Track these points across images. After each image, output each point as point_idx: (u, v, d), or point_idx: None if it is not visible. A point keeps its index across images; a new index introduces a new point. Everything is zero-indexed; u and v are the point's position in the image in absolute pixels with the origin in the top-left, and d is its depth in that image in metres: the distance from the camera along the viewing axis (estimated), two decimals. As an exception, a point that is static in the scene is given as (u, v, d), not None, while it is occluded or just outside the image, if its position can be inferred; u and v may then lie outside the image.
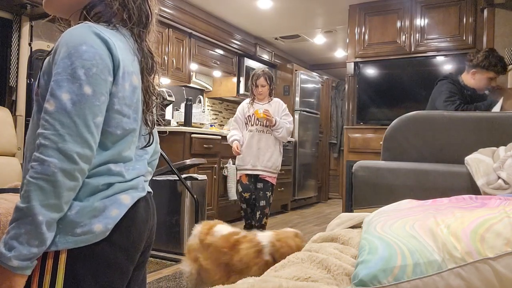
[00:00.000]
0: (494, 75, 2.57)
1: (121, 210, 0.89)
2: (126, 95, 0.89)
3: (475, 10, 3.69)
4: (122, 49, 0.89)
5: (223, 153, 4.27)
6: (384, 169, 1.83)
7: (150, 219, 1.01)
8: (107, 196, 0.88)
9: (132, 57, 0.93)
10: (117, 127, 0.88)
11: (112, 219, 0.87)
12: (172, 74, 4.19)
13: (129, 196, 0.91)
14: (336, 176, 7.20)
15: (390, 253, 0.85)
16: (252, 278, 0.89)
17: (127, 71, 0.89)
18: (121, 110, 0.88)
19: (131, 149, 0.95)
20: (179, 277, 2.61)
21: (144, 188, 0.98)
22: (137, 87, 0.93)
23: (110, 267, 0.88)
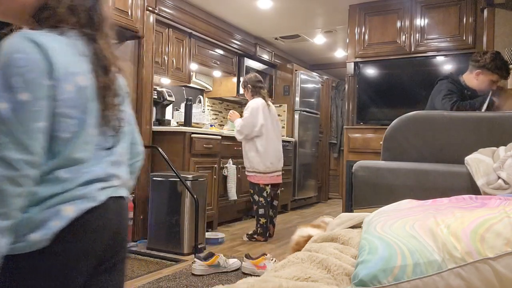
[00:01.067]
0: (497, 78, 2.56)
1: (62, 222, 0.86)
2: (71, 97, 0.88)
3: (475, 10, 3.69)
4: (64, 51, 0.89)
5: (223, 153, 4.27)
6: (384, 169, 1.83)
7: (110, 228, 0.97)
8: (50, 207, 0.86)
9: (77, 58, 0.92)
10: (64, 130, 0.87)
11: (51, 229, 0.85)
12: (172, 74, 4.19)
13: (74, 208, 0.88)
14: (336, 176, 7.19)
15: (390, 253, 0.85)
16: (252, 278, 0.89)
17: (70, 72, 0.88)
18: (66, 112, 0.87)
19: (85, 151, 0.92)
20: (179, 277, 2.61)
21: (95, 198, 0.93)
22: (86, 87, 0.91)
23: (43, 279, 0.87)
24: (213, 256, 2.73)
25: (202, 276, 2.65)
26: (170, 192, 3.29)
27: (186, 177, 3.21)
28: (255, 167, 3.77)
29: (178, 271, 2.74)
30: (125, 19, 3.17)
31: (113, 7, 3.05)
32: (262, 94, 3.89)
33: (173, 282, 2.50)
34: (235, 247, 3.50)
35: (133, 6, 3.24)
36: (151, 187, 3.37)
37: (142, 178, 3.61)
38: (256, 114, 3.77)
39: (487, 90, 2.58)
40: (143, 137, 3.76)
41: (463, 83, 2.63)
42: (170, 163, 3.10)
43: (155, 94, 3.94)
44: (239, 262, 2.85)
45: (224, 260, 2.77)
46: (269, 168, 3.79)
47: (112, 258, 1.01)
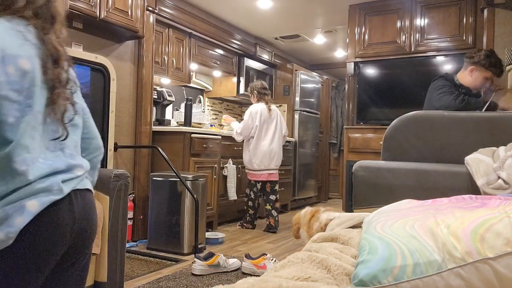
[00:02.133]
0: (491, 75, 2.55)
1: (26, 218, 0.84)
2: (12, 80, 0.85)
3: (475, 10, 3.69)
4: (6, 34, 0.87)
5: (223, 153, 4.27)
6: (384, 169, 1.83)
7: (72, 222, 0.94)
8: (10, 202, 0.83)
9: (22, 42, 0.89)
10: (7, 114, 0.84)
11: (15, 227, 0.83)
12: (172, 74, 4.19)
13: (37, 202, 0.86)
14: (336, 176, 7.19)
15: (390, 253, 0.85)
16: (252, 278, 0.89)
17: (10, 54, 0.85)
18: (7, 95, 0.84)
19: (34, 138, 0.89)
20: (179, 277, 2.61)
21: (61, 190, 0.91)
22: (29, 71, 0.88)
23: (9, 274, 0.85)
24: (213, 256, 2.73)
25: (202, 276, 2.65)
26: (170, 192, 3.29)
27: (186, 177, 3.21)
28: (247, 165, 4.22)
29: (178, 271, 2.75)
30: (125, 19, 3.17)
31: (113, 7, 3.05)
32: (266, 100, 4.27)
33: (173, 282, 2.50)
34: (235, 247, 3.50)
35: (133, 6, 3.24)
36: (151, 187, 3.37)
37: (142, 178, 3.61)
38: (255, 117, 4.16)
39: (481, 87, 2.58)
40: (143, 137, 3.78)
41: (457, 81, 2.61)
42: (170, 163, 3.10)
43: (155, 94, 3.94)
44: (239, 262, 2.85)
45: (224, 260, 2.77)
46: (259, 166, 4.16)
47: (76, 254, 0.99)
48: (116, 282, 1.99)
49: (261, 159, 4.14)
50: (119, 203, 1.98)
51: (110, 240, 1.97)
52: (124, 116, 3.48)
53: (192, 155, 3.77)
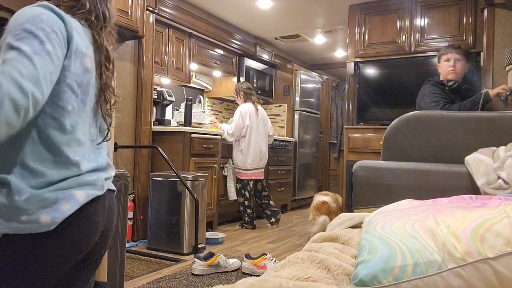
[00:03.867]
0: (446, 56, 2.69)
1: (73, 206, 0.86)
2: (77, 73, 0.90)
3: (475, 10, 3.69)
4: (77, 30, 0.92)
5: (223, 153, 4.27)
6: (384, 169, 1.83)
7: (103, 221, 0.97)
8: (61, 189, 0.86)
9: (87, 43, 0.95)
10: (67, 102, 0.89)
11: (62, 213, 0.84)
12: (172, 74, 4.19)
13: (84, 193, 0.89)
14: (336, 176, 7.19)
15: (390, 253, 0.85)
16: (252, 278, 0.89)
17: (80, 50, 0.91)
18: (71, 85, 0.89)
19: (84, 133, 0.94)
20: (179, 277, 2.61)
21: (103, 186, 0.95)
22: (89, 70, 0.94)
23: (41, 262, 0.86)
24: (213, 256, 2.73)
25: (202, 276, 2.65)
26: (170, 192, 3.29)
27: (186, 177, 3.21)
28: (238, 164, 4.29)
29: (178, 271, 2.74)
30: (125, 19, 3.17)
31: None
32: (252, 99, 4.36)
33: (173, 282, 2.50)
34: (235, 247, 3.50)
35: (133, 6, 3.24)
36: (151, 187, 3.37)
37: (142, 178, 3.61)
38: (245, 116, 4.25)
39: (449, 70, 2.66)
40: (143, 137, 3.77)
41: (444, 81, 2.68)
42: (170, 163, 3.10)
43: (155, 94, 3.94)
44: (239, 262, 2.85)
45: (224, 260, 2.77)
46: (250, 165, 4.26)
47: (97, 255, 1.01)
48: (116, 282, 1.99)
49: (253, 158, 4.27)
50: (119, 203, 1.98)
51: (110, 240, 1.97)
52: (124, 116, 3.48)
53: (192, 155, 3.77)
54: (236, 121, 4.24)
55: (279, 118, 5.92)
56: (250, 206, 4.28)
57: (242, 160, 4.27)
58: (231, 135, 4.23)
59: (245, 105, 4.31)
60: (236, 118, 4.25)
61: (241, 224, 4.33)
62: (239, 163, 4.28)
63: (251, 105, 4.32)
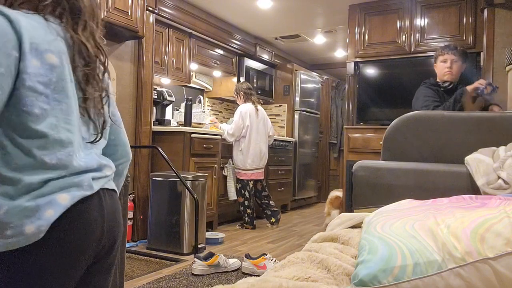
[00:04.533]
0: (442, 57, 2.67)
1: (56, 211, 0.83)
2: (39, 72, 0.85)
3: (475, 10, 3.69)
4: (34, 27, 0.86)
5: (223, 153, 4.27)
6: (384, 169, 1.83)
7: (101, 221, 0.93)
8: (41, 195, 0.83)
9: (51, 37, 0.89)
10: (32, 105, 0.83)
11: (46, 220, 0.81)
12: (172, 74, 4.19)
13: (68, 196, 0.86)
14: (336, 176, 7.19)
15: (390, 253, 0.85)
16: (252, 278, 0.89)
17: (36, 48, 0.85)
18: (34, 87, 0.84)
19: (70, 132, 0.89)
20: (179, 277, 2.61)
21: (91, 186, 0.91)
22: (57, 66, 0.88)
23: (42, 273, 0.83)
24: (213, 256, 2.73)
25: (202, 276, 2.65)
26: (170, 192, 3.29)
27: (186, 177, 3.21)
28: (238, 164, 4.30)
29: (178, 271, 2.74)
30: (125, 19, 3.17)
31: (113, 7, 3.05)
32: (252, 100, 4.37)
33: (173, 282, 2.50)
34: (235, 247, 3.50)
35: (133, 6, 3.24)
36: (151, 187, 3.37)
37: (142, 178, 3.61)
38: (245, 117, 4.26)
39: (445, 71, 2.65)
40: (143, 137, 3.78)
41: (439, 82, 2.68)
42: (170, 163, 3.10)
43: (155, 94, 3.94)
44: (239, 262, 2.85)
45: (224, 260, 2.77)
46: (250, 165, 4.28)
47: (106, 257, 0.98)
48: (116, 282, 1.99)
49: (253, 158, 4.29)
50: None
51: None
52: (124, 116, 3.48)
53: (192, 155, 3.77)
54: (236, 121, 4.24)
55: (279, 118, 5.92)
56: (250, 206, 4.29)
57: (242, 160, 4.28)
58: (231, 135, 4.23)
59: (245, 105, 4.32)
60: (236, 118, 4.26)
61: (241, 224, 4.33)
62: (239, 163, 4.29)
63: (251, 105, 4.34)
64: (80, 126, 0.94)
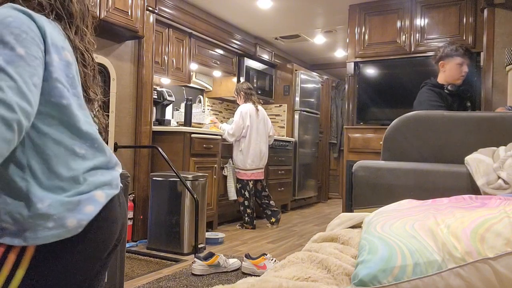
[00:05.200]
0: (460, 59, 2.54)
1: (96, 208, 0.86)
2: (60, 67, 0.87)
3: (475, 10, 3.69)
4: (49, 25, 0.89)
5: (223, 153, 4.27)
6: (384, 169, 1.83)
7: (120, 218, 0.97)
8: (82, 192, 0.85)
9: (62, 37, 0.92)
10: (61, 96, 0.86)
11: (87, 215, 0.84)
12: (172, 74, 4.19)
13: (103, 194, 0.89)
14: (336, 176, 7.20)
15: (390, 253, 0.85)
16: (252, 278, 0.89)
17: (56, 44, 0.88)
18: (59, 78, 0.86)
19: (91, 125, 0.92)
20: (179, 277, 2.61)
21: (118, 185, 0.95)
22: (72, 63, 0.91)
23: (77, 266, 0.86)
24: (213, 256, 2.73)
25: (202, 276, 2.65)
26: (170, 192, 3.29)
27: (186, 177, 3.21)
28: (238, 164, 4.30)
29: (178, 271, 2.74)
30: (125, 19, 3.17)
31: (113, 7, 3.05)
32: (253, 100, 4.37)
33: (173, 282, 2.50)
34: (235, 247, 3.50)
35: (133, 6, 3.24)
36: (151, 187, 3.37)
37: (142, 178, 3.61)
38: (245, 117, 4.26)
39: (460, 75, 2.54)
40: (143, 137, 3.78)
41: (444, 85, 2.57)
42: (170, 163, 3.10)
43: (155, 94, 3.94)
44: (239, 262, 2.85)
45: (224, 260, 2.77)
46: (250, 165, 4.27)
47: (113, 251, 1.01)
48: (116, 282, 1.99)
49: (253, 158, 4.29)
50: (119, 203, 1.98)
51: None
52: (124, 116, 3.48)
53: (192, 155, 3.77)
54: (236, 121, 4.24)
55: (279, 118, 5.92)
56: (250, 206, 4.29)
57: (242, 160, 4.28)
58: (231, 135, 4.23)
59: (245, 105, 4.33)
60: (237, 118, 4.26)
61: (241, 224, 4.33)
62: (239, 163, 4.29)
63: (252, 105, 4.34)
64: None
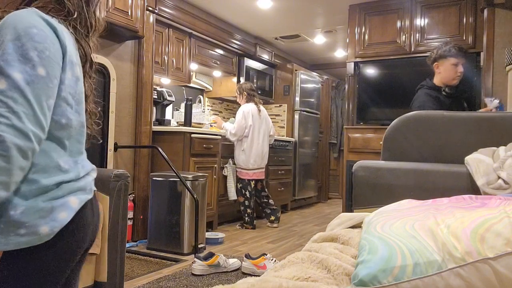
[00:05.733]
0: (454, 60, 2.53)
1: (69, 214, 0.86)
2: (71, 84, 0.88)
3: (475, 10, 3.69)
4: (68, 37, 0.89)
5: (223, 153, 4.27)
6: (384, 169, 1.83)
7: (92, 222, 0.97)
8: (56, 197, 0.85)
9: (75, 51, 0.92)
10: (62, 115, 0.86)
11: (59, 222, 0.84)
12: (172, 74, 4.19)
13: (77, 199, 0.89)
14: (336, 176, 7.19)
15: (390, 253, 0.85)
16: (252, 278, 0.89)
17: (72, 60, 0.88)
18: (66, 98, 0.87)
19: (79, 142, 0.94)
20: (179, 277, 2.61)
21: (91, 190, 0.96)
22: (80, 79, 0.92)
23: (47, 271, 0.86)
24: (213, 256, 2.73)
25: (202, 276, 2.65)
26: (170, 192, 3.29)
27: (186, 177, 3.21)
28: (240, 164, 4.30)
29: (178, 271, 2.74)
30: (125, 19, 3.17)
31: (113, 7, 3.05)
32: (255, 100, 4.39)
33: (173, 282, 2.50)
34: (235, 247, 3.50)
35: (133, 6, 3.24)
36: (151, 187, 3.37)
37: (142, 178, 3.61)
38: (247, 116, 4.26)
39: (455, 75, 2.53)
40: (143, 137, 3.78)
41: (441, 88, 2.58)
42: (170, 163, 3.10)
43: (155, 94, 3.94)
44: (239, 262, 2.85)
45: (224, 260, 2.77)
46: (252, 165, 4.28)
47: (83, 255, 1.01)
48: (116, 282, 1.99)
49: (255, 158, 4.29)
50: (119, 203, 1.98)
51: (110, 240, 1.97)
52: (124, 116, 3.48)
53: (192, 155, 3.77)
54: (239, 121, 4.24)
55: (279, 118, 5.92)
56: (250, 206, 4.29)
57: (244, 160, 4.27)
58: (233, 135, 4.24)
59: (247, 105, 4.33)
60: (239, 118, 4.26)
61: (241, 224, 4.33)
62: (241, 163, 4.29)
63: (254, 105, 4.35)
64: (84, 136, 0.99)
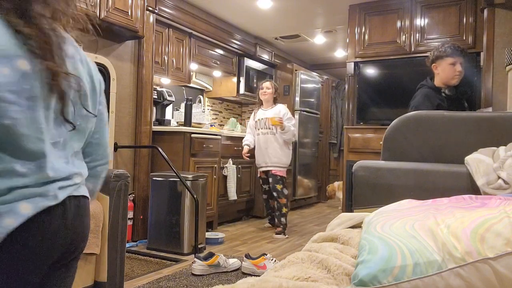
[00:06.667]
0: (451, 59, 2.51)
1: (17, 220, 0.82)
2: (9, 81, 0.81)
3: (475, 10, 3.69)
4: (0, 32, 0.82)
5: (223, 153, 4.27)
6: (384, 169, 1.83)
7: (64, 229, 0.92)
8: (4, 203, 0.82)
9: (15, 41, 0.83)
10: (2, 116, 0.80)
11: (4, 228, 0.81)
12: (172, 74, 4.19)
13: (30, 205, 0.84)
14: (336, 176, 7.19)
15: (390, 253, 0.85)
16: (252, 278, 0.89)
17: (6, 55, 0.81)
18: (3, 97, 0.80)
19: (40, 142, 0.86)
20: (179, 277, 2.61)
21: (56, 196, 0.89)
22: (30, 72, 0.84)
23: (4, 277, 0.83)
24: (213, 256, 2.73)
25: (202, 276, 2.65)
26: (170, 192, 3.29)
27: (186, 177, 3.21)
28: (287, 162, 4.13)
29: (178, 271, 2.74)
30: (125, 19, 3.17)
31: (113, 7, 3.05)
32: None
33: (173, 282, 2.50)
34: (235, 247, 3.50)
35: (133, 6, 3.24)
36: (151, 187, 3.37)
37: (142, 178, 3.61)
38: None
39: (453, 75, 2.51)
40: (143, 137, 3.78)
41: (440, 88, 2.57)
42: (170, 163, 3.10)
43: (155, 94, 3.94)
44: (239, 262, 2.85)
45: (224, 260, 2.77)
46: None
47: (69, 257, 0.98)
48: (116, 282, 1.99)
49: None
50: (119, 203, 1.98)
51: (110, 240, 1.97)
52: (124, 116, 3.48)
53: (192, 155, 3.77)
54: (294, 122, 4.25)
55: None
56: (266, 206, 4.34)
57: (289, 157, 4.18)
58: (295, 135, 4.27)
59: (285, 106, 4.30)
60: (290, 116, 4.19)
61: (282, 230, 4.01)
62: (287, 161, 4.13)
63: None
64: (52, 130, 0.90)
